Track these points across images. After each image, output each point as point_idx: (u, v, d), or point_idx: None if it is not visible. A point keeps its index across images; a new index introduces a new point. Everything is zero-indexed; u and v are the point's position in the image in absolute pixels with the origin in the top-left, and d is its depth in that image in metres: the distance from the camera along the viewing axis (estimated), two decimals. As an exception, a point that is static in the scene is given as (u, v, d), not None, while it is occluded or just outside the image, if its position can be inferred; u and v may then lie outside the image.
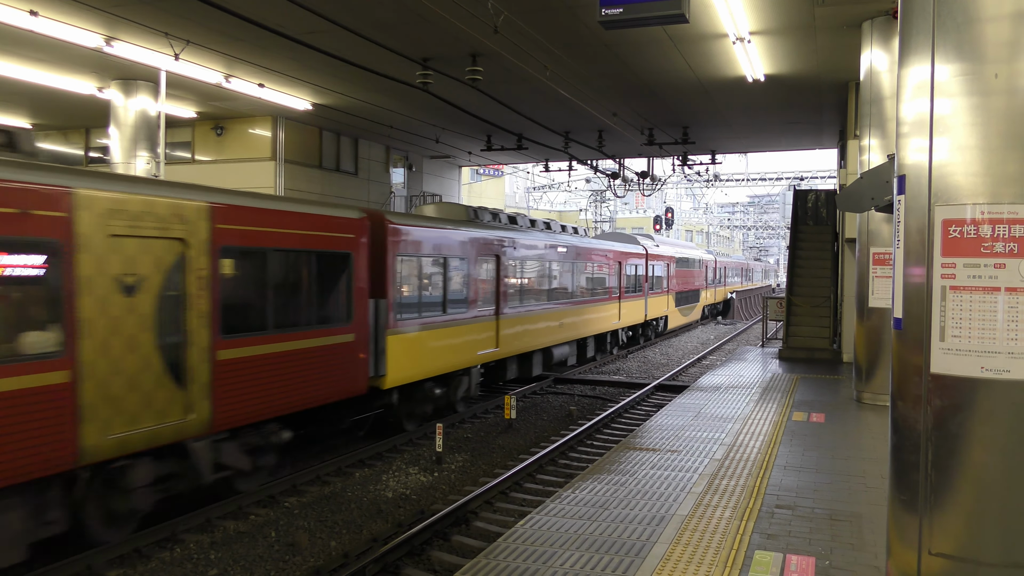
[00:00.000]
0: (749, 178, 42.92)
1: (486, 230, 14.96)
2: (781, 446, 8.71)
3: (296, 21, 11.34)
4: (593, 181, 42.85)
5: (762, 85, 15.22)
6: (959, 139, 4.11)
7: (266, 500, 9.52)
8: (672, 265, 31.12)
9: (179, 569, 7.48)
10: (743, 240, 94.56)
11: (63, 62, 14.21)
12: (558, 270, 18.66)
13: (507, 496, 9.84)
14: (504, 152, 23.56)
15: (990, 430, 4.07)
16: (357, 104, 17.42)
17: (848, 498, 6.85)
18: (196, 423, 8.11)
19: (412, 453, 11.90)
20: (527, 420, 14.38)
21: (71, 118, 19.70)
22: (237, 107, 17.96)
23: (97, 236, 7.07)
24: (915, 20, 4.31)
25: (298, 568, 7.58)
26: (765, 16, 11.46)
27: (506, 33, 11.56)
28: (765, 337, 20.92)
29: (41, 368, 6.58)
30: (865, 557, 5.43)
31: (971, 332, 4.08)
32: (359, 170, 22.39)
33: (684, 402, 11.47)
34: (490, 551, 5.56)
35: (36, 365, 6.55)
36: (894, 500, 4.45)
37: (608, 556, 5.42)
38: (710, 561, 5.32)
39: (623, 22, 8.24)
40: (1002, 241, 4.00)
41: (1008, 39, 4.01)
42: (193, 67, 13.83)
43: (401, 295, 11.99)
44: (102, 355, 7.08)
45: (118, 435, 7.24)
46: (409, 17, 11.56)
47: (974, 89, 4.07)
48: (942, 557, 4.15)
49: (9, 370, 6.34)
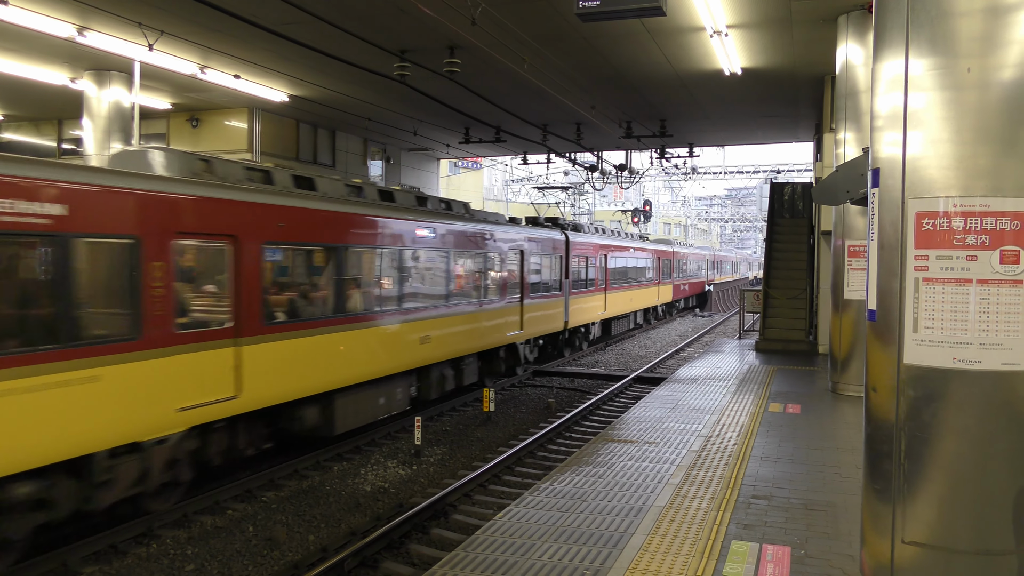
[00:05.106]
0: (726, 171, 43.16)
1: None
2: (758, 437, 8.79)
3: (272, 11, 11.23)
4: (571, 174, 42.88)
5: (739, 78, 15.30)
6: (932, 133, 4.16)
7: (243, 495, 9.46)
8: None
9: (155, 565, 7.42)
10: (720, 233, 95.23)
11: (35, 52, 13.97)
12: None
13: (486, 489, 9.85)
14: (482, 145, 23.51)
15: (962, 420, 4.13)
16: (334, 96, 17.29)
17: (823, 488, 6.93)
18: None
19: (391, 446, 11.87)
20: (506, 413, 14.40)
21: (43, 109, 19.39)
22: (213, 99, 17.76)
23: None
24: (889, 14, 4.34)
25: (276, 563, 7.54)
26: (742, 9, 11.51)
27: (484, 25, 11.52)
28: (742, 329, 21.09)
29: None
30: (840, 546, 5.50)
31: (943, 323, 4.13)
32: (336, 163, 22.25)
33: (662, 394, 11.54)
34: (468, 544, 5.56)
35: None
36: (868, 489, 4.51)
37: (586, 547, 5.45)
38: (687, 552, 5.36)
39: (600, 14, 8.24)
40: (974, 234, 4.06)
41: (980, 34, 4.05)
42: (167, 58, 13.64)
43: (572, 277, 20.98)
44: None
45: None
46: (386, 8, 11.48)
47: (947, 83, 4.11)
48: (915, 545, 4.21)
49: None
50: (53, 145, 20.84)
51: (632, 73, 15.38)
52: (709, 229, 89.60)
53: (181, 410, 8.10)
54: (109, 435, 7.43)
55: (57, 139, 20.82)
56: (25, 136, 21.16)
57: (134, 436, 7.69)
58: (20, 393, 6.55)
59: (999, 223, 4.02)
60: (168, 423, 8.02)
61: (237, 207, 9.05)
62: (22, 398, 6.57)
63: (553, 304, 19.58)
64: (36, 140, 21.11)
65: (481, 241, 15.37)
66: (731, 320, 36.71)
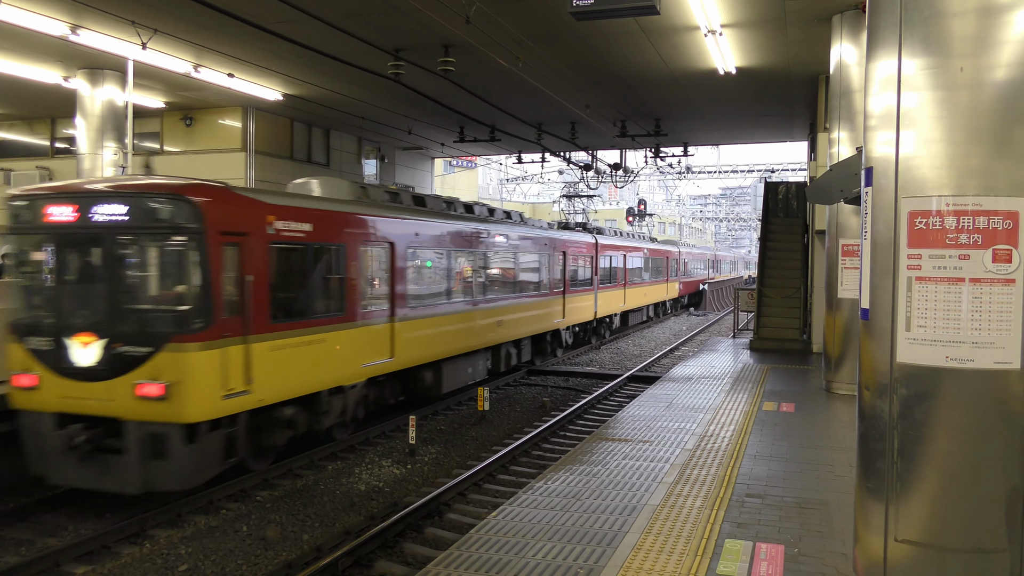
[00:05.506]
0: (721, 170, 43.23)
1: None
2: (751, 436, 8.81)
3: (266, 10, 11.18)
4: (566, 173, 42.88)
5: (734, 78, 15.30)
6: (925, 132, 4.17)
7: (237, 494, 9.44)
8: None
9: (149, 565, 7.40)
10: (715, 232, 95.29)
11: (27, 51, 13.90)
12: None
13: (480, 488, 9.85)
14: (477, 144, 23.47)
15: (954, 418, 4.14)
16: (328, 95, 17.25)
17: (817, 486, 6.95)
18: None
19: (385, 446, 11.86)
20: (500, 412, 14.40)
21: (36, 108, 19.29)
22: (206, 97, 17.70)
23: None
24: (883, 14, 4.35)
25: (270, 562, 7.53)
26: (736, 9, 11.52)
27: (478, 24, 11.50)
28: (736, 328, 21.12)
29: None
30: (833, 544, 5.51)
31: (936, 322, 4.14)
32: (331, 161, 22.19)
33: (656, 392, 11.55)
34: (463, 543, 5.56)
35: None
36: (861, 488, 4.52)
37: (580, 546, 5.45)
38: (681, 550, 5.37)
39: (594, 13, 8.24)
40: (966, 233, 4.07)
41: (973, 34, 4.06)
42: (161, 56, 13.59)
43: (602, 275, 24.60)
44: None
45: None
46: (380, 6, 11.46)
47: (940, 83, 4.12)
48: (908, 543, 4.22)
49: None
50: (47, 144, 20.75)
51: (627, 72, 15.38)
52: (704, 228, 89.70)
53: (364, 366, 11.53)
54: (329, 379, 10.74)
55: (50, 138, 20.72)
56: (18, 135, 21.07)
57: (341, 381, 11.02)
58: (288, 348, 9.76)
59: (991, 222, 4.03)
60: (358, 374, 11.46)
61: (393, 222, 12.52)
62: (290, 352, 9.80)
63: (587, 297, 23.10)
64: (29, 139, 21.02)
65: (537, 244, 18.98)
66: (725, 319, 36.76)
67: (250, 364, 9.09)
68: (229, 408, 8.83)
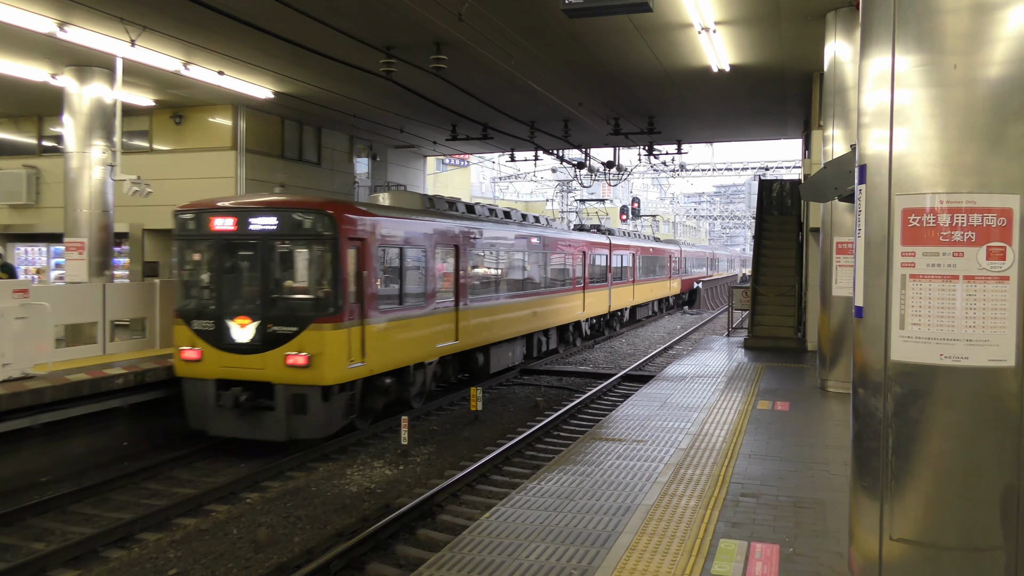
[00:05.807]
0: (715, 168, 43.23)
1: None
2: (746, 435, 8.78)
3: (255, 6, 11.11)
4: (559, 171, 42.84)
5: (727, 75, 15.28)
6: (919, 129, 4.14)
7: (227, 496, 9.38)
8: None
9: (138, 569, 7.33)
10: (709, 230, 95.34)
11: (14, 47, 13.78)
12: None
13: (473, 489, 9.80)
14: (469, 142, 23.38)
15: (949, 416, 4.11)
16: (320, 93, 17.16)
17: (812, 485, 6.92)
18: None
19: (377, 446, 11.81)
20: (493, 412, 14.35)
21: (23, 105, 19.14)
22: (196, 95, 17.59)
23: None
24: (876, 11, 4.32)
25: (261, 565, 7.46)
26: (730, 6, 11.49)
27: (470, 21, 11.44)
28: (731, 326, 21.12)
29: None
30: (828, 543, 5.48)
31: (930, 320, 4.11)
32: (322, 160, 22.10)
33: (650, 392, 11.52)
34: (455, 544, 5.51)
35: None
36: (856, 486, 4.49)
37: (574, 547, 5.41)
38: (675, 550, 5.33)
39: (587, 10, 8.20)
40: (960, 230, 4.04)
41: (967, 31, 4.03)
42: (150, 54, 13.47)
43: (614, 272, 26.88)
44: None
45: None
46: (372, 3, 11.39)
47: (933, 80, 4.09)
48: (903, 542, 4.19)
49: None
50: (34, 143, 20.60)
51: (620, 70, 15.33)
52: (698, 226, 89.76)
53: (438, 346, 13.92)
54: (415, 356, 13.14)
55: (37, 136, 20.57)
56: (5, 134, 20.91)
57: (422, 359, 13.37)
58: (389, 330, 12.09)
59: (985, 219, 4.00)
60: (433, 353, 13.79)
61: (457, 227, 14.84)
62: (391, 332, 12.15)
63: (602, 292, 25.52)
64: (16, 138, 20.86)
65: (562, 245, 21.45)
66: (720, 317, 36.79)
67: (365, 341, 11.35)
68: (352, 375, 11.16)
